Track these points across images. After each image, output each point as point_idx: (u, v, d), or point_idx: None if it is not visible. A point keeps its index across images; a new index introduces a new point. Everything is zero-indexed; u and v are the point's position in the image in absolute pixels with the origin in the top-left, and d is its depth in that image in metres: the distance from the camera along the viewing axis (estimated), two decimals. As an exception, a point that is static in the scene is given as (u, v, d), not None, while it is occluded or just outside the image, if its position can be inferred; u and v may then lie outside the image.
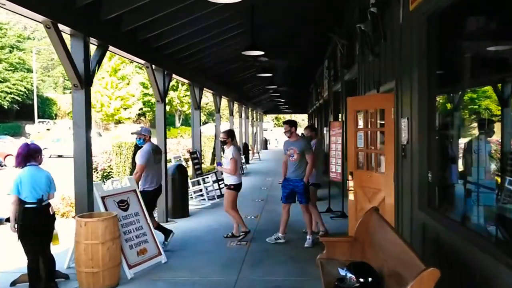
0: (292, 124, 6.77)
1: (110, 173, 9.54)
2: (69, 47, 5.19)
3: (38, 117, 44.87)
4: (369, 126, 6.64)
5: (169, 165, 9.14)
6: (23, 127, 41.99)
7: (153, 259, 5.79)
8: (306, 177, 6.56)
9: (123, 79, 39.68)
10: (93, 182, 5.51)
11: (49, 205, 4.77)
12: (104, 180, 9.69)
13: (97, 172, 9.95)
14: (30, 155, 4.80)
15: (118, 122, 43.45)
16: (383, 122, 6.41)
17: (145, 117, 47.48)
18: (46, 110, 49.98)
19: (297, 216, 8.53)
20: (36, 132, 38.56)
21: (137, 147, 9.37)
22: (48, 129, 42.39)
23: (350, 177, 6.66)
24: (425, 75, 4.55)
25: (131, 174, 9.08)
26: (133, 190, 6.04)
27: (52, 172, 4.98)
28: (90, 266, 4.85)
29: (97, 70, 5.56)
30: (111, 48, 6.12)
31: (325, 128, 17.04)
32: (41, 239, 4.74)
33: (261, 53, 7.78)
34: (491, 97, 7.01)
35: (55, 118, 50.05)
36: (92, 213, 5.29)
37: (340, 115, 12.03)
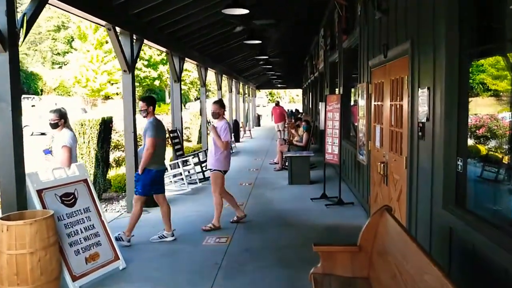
0: (150, 101, 5.50)
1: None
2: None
3: (24, 93, 43.17)
4: (394, 100, 5.32)
5: (140, 146, 7.96)
6: (6, 103, 40.31)
7: (107, 265, 4.67)
8: (141, 166, 5.40)
9: (110, 52, 37.85)
10: (26, 172, 4.31)
11: None
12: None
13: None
14: None
15: (106, 97, 41.88)
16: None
17: (134, 92, 45.88)
18: (32, 85, 48.23)
19: (287, 205, 7.45)
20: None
21: (105, 126, 8.17)
22: (33, 105, 40.84)
23: (384, 160, 5.55)
24: (457, 29, 3.36)
25: (96, 157, 7.90)
26: (83, 180, 4.86)
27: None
28: (15, 283, 3.73)
29: (26, 27, 4.26)
30: (52, 0, 4.84)
31: (320, 103, 15.88)
32: None
33: (245, 11, 6.50)
34: (485, 71, 5.92)
35: (41, 94, 48.34)
36: (23, 213, 4.11)
37: (337, 88, 10.85)
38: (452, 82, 3.37)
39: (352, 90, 9.52)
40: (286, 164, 10.51)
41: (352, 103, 9.55)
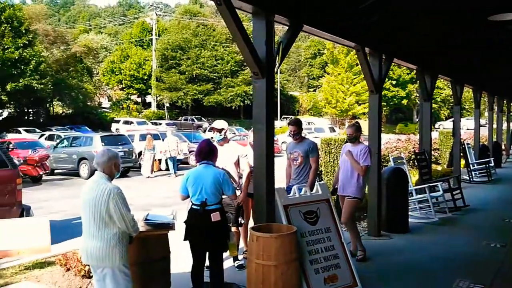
0: (301, 125, 6.00)
1: (321, 174, 8.71)
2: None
3: (283, 114, 48.94)
4: None
5: (385, 167, 7.68)
6: (270, 122, 46.53)
7: (345, 290, 4.56)
8: (310, 183, 5.50)
9: (359, 74, 39.01)
10: (276, 187, 4.66)
11: (213, 211, 4.15)
12: (318, 180, 8.92)
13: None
14: (205, 153, 4.34)
15: (354, 117, 43.22)
16: None
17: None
18: (290, 107, 54.23)
19: None
20: (278, 126, 42.16)
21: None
22: (288, 124, 45.79)
23: None
24: None
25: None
26: (325, 199, 4.93)
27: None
28: (260, 290, 4.02)
29: (282, 55, 4.62)
30: (306, 27, 5.15)
31: None
32: (201, 247, 4.26)
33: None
34: None
35: (297, 114, 53.73)
36: (271, 225, 4.44)
37: None
38: None
39: None
40: None
41: None
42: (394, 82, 38.67)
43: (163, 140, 17.24)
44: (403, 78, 39.05)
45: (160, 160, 16.72)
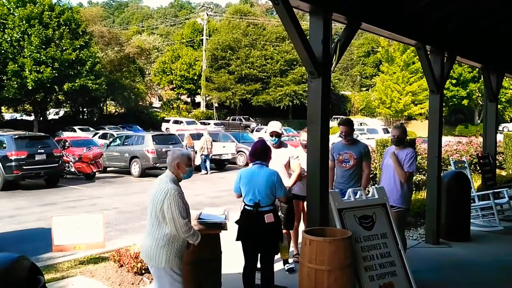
0: (353, 125, 5.68)
1: (375, 178, 8.40)
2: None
3: (334, 114, 48.12)
4: None
5: (445, 171, 7.27)
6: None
7: (403, 299, 4.33)
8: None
9: (416, 72, 37.45)
10: (330, 190, 4.50)
11: (267, 212, 4.08)
12: (371, 184, 8.62)
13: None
14: (260, 153, 4.28)
15: (409, 118, 41.63)
16: None
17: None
18: (341, 106, 53.16)
19: None
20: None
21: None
22: (339, 125, 44.84)
23: None
24: None
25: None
26: (381, 204, 4.70)
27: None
28: (312, 296, 3.89)
29: (339, 54, 4.45)
30: (364, 25, 4.94)
31: None
32: (254, 248, 4.21)
33: None
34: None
35: (349, 115, 52.59)
36: (324, 229, 4.28)
37: None
38: None
39: None
40: None
41: None
42: (454, 81, 36.70)
43: (199, 139, 17.44)
44: (464, 77, 37.03)
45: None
